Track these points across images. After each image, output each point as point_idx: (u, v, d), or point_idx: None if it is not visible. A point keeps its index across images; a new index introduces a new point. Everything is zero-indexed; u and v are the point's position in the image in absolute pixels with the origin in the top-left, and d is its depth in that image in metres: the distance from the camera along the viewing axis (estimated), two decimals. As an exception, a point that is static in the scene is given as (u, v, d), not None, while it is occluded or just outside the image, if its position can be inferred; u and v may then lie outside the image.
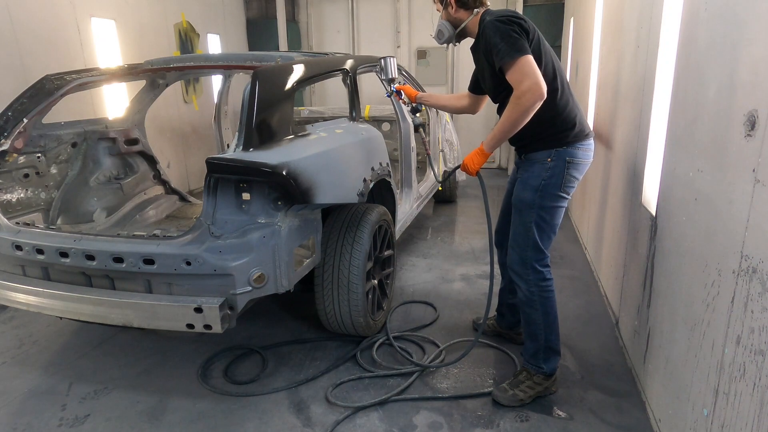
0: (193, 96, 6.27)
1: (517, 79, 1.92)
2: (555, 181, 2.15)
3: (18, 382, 2.49)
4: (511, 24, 1.97)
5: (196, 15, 6.34)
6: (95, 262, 2.12)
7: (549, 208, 2.18)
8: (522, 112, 1.93)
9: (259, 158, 2.01)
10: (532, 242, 2.20)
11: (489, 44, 2.00)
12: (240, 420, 2.19)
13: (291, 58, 2.71)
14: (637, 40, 2.63)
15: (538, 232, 2.19)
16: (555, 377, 2.30)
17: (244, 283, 2.05)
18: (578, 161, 2.17)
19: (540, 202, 2.16)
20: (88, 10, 4.63)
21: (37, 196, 2.89)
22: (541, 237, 2.20)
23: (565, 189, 2.17)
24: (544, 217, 2.19)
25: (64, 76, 2.78)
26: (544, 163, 2.16)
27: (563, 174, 2.15)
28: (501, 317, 2.77)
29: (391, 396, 2.29)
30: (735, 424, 1.33)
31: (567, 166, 2.15)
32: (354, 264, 2.48)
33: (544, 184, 2.16)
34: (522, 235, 2.23)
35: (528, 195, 2.19)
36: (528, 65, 1.91)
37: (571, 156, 2.15)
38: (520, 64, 1.91)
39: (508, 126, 2.00)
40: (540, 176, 2.16)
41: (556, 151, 2.14)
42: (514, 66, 1.92)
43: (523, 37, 1.97)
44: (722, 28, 1.54)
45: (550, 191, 2.16)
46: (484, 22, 2.08)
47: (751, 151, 1.29)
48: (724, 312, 1.43)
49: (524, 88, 1.90)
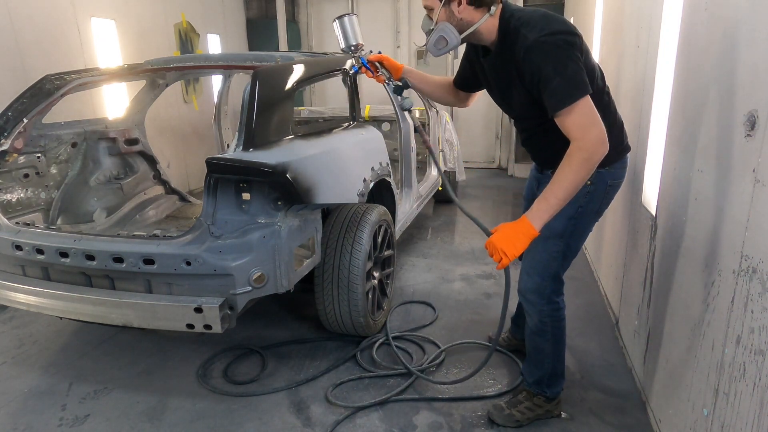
0: (193, 96, 6.27)
1: (581, 128, 1.53)
2: (593, 206, 1.85)
3: (18, 382, 2.49)
4: (569, 48, 1.55)
5: (196, 15, 6.34)
6: (95, 262, 2.12)
7: (580, 234, 1.92)
8: (590, 169, 1.55)
9: (259, 158, 2.01)
10: (554, 273, 1.94)
11: (537, 74, 1.57)
12: (240, 420, 2.19)
13: (291, 58, 2.71)
14: (637, 40, 2.63)
15: (563, 262, 1.94)
16: (558, 400, 2.14)
17: (244, 283, 2.05)
18: (618, 182, 1.89)
19: (572, 231, 1.87)
20: (88, 10, 4.63)
21: (37, 196, 2.89)
22: (563, 266, 1.96)
23: (600, 211, 1.92)
24: (572, 245, 1.92)
25: (64, 76, 2.78)
26: (583, 186, 1.71)
27: (603, 197, 1.85)
28: (517, 328, 2.58)
29: (391, 396, 2.29)
30: (735, 424, 1.33)
31: (607, 190, 1.85)
32: (354, 264, 2.48)
33: (581, 212, 1.83)
34: (543, 264, 1.93)
35: (559, 224, 1.82)
36: (591, 108, 1.55)
37: (614, 178, 1.85)
38: (583, 108, 1.54)
39: (572, 190, 1.56)
40: (577, 203, 1.77)
41: (599, 172, 1.73)
42: (576, 110, 1.53)
43: (581, 63, 1.58)
44: (722, 28, 1.54)
45: (585, 220, 1.87)
46: (519, 33, 1.61)
47: (751, 151, 1.29)
48: (724, 312, 1.43)
49: (593, 139, 1.52)
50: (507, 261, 1.60)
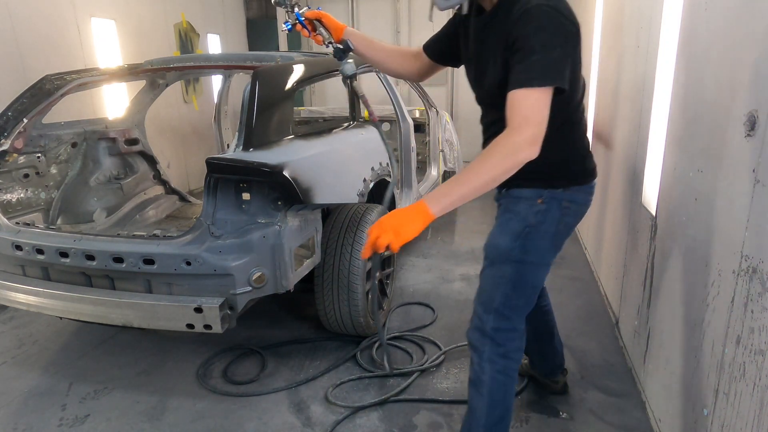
0: (193, 96, 6.27)
1: (525, 118, 1.32)
2: (545, 228, 1.58)
3: (18, 382, 2.49)
4: (567, 34, 1.39)
5: (196, 15, 6.34)
6: (95, 262, 2.12)
7: (530, 265, 1.61)
8: (509, 167, 1.32)
9: (259, 158, 2.01)
10: (498, 304, 1.61)
11: (522, 41, 1.36)
12: (240, 420, 2.19)
13: (291, 58, 2.71)
14: (637, 40, 2.63)
15: (510, 293, 1.60)
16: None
17: (244, 283, 2.05)
18: (577, 207, 1.65)
19: (520, 255, 1.58)
20: (88, 10, 4.63)
21: (37, 196, 2.89)
22: (511, 300, 1.61)
23: (556, 241, 1.63)
24: (524, 274, 1.61)
25: (64, 76, 2.78)
26: (532, 203, 1.58)
27: (557, 221, 1.59)
28: (532, 362, 2.31)
29: (391, 396, 2.29)
30: (735, 424, 1.33)
31: (563, 212, 1.60)
32: (354, 264, 2.48)
33: (529, 231, 1.57)
34: (487, 292, 1.64)
35: (505, 242, 1.59)
36: (546, 104, 1.34)
37: (570, 200, 1.61)
38: (541, 98, 1.33)
39: (482, 182, 1.32)
40: (525, 219, 1.58)
41: (552, 192, 1.57)
42: (534, 97, 1.33)
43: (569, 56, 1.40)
44: (722, 28, 1.54)
45: (536, 242, 1.58)
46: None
47: (751, 151, 1.29)
48: (724, 312, 1.43)
49: (527, 135, 1.31)
50: (396, 243, 1.28)
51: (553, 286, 3.40)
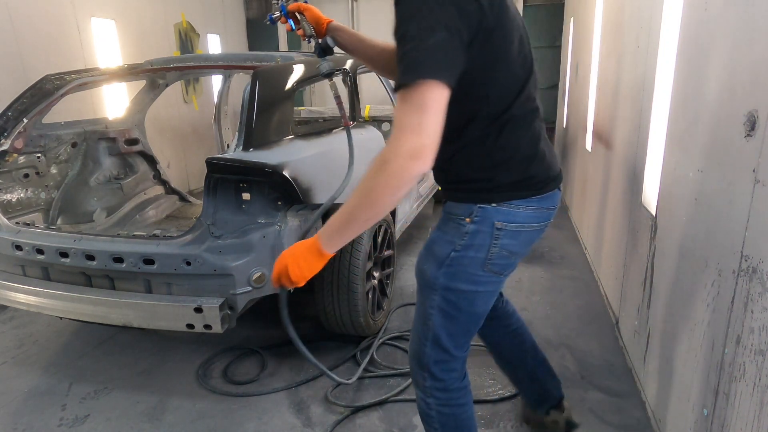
0: (193, 96, 6.27)
1: (402, 126, 1.06)
2: (472, 255, 1.32)
3: (18, 382, 2.49)
4: (451, 8, 1.07)
5: (196, 15, 6.34)
6: (95, 262, 2.12)
7: (463, 293, 1.37)
8: (396, 187, 1.09)
9: (260, 158, 2.01)
10: (432, 336, 1.42)
11: (397, 22, 1.12)
12: (240, 420, 2.19)
13: (291, 58, 2.71)
14: (637, 40, 2.63)
15: (444, 323, 1.40)
16: None
17: (244, 283, 2.05)
18: (518, 227, 1.32)
19: (447, 283, 1.36)
20: (88, 10, 4.63)
21: (37, 196, 2.89)
22: (446, 330, 1.41)
23: (493, 268, 1.35)
24: (455, 303, 1.38)
25: (64, 76, 2.78)
26: (460, 223, 1.32)
27: (487, 248, 1.31)
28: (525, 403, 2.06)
29: (391, 396, 2.29)
30: (735, 424, 1.33)
31: (496, 236, 1.31)
32: (354, 264, 2.48)
33: (455, 258, 1.33)
34: (420, 320, 1.45)
35: (430, 269, 1.39)
36: (425, 106, 1.05)
37: (506, 220, 1.30)
38: (415, 99, 1.05)
39: (363, 208, 1.13)
40: (451, 243, 1.34)
41: (482, 208, 1.30)
42: (411, 97, 1.05)
43: (461, 37, 1.08)
44: (722, 28, 1.54)
45: (465, 269, 1.34)
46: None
47: (751, 151, 1.29)
48: (724, 312, 1.43)
49: (405, 147, 1.05)
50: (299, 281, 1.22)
51: (553, 286, 3.40)
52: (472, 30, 1.11)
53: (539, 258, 3.95)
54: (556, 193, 1.40)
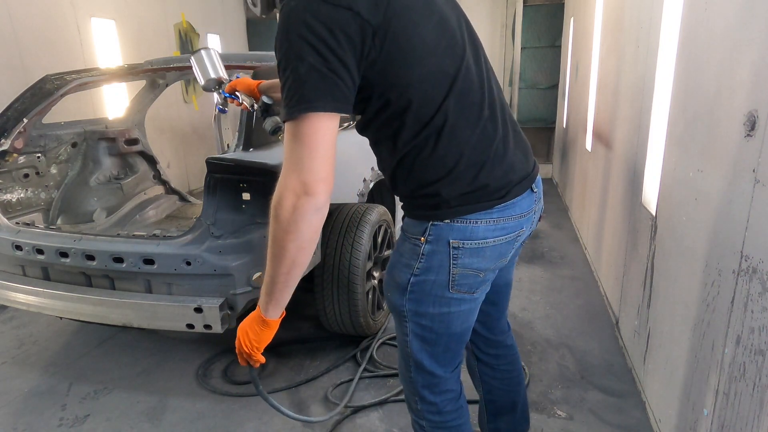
0: (193, 96, 6.27)
1: (287, 164, 1.03)
2: (433, 279, 1.20)
3: (18, 382, 2.49)
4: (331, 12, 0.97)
5: (196, 15, 6.34)
6: (95, 262, 2.12)
7: (434, 316, 1.26)
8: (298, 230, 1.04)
9: (260, 158, 2.02)
10: (414, 362, 1.32)
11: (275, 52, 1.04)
12: (240, 420, 2.19)
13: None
14: (637, 40, 2.63)
15: (423, 347, 1.30)
16: None
17: (244, 283, 2.05)
18: (479, 244, 1.18)
19: (414, 308, 1.25)
20: (88, 10, 4.63)
21: (37, 196, 2.90)
22: (426, 353, 1.31)
23: (461, 288, 1.22)
24: (429, 327, 1.27)
25: (64, 76, 2.78)
26: (416, 243, 1.20)
27: (447, 269, 1.19)
28: None
29: (391, 396, 2.29)
30: (735, 424, 1.33)
31: (454, 255, 1.17)
32: (354, 264, 2.48)
33: (416, 283, 1.22)
34: (401, 346, 1.36)
35: (394, 297, 1.28)
36: (306, 140, 1.00)
37: (462, 237, 1.17)
38: (296, 133, 1.00)
39: (277, 263, 1.09)
40: (408, 267, 1.22)
41: (434, 226, 1.17)
42: (292, 134, 1.01)
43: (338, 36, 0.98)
44: (722, 28, 1.54)
45: (427, 293, 1.22)
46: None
47: (751, 151, 1.29)
48: (724, 312, 1.43)
49: (291, 187, 1.03)
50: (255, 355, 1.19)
51: (553, 286, 3.40)
52: (354, 40, 1.00)
53: (539, 258, 3.95)
54: (526, 196, 1.23)
